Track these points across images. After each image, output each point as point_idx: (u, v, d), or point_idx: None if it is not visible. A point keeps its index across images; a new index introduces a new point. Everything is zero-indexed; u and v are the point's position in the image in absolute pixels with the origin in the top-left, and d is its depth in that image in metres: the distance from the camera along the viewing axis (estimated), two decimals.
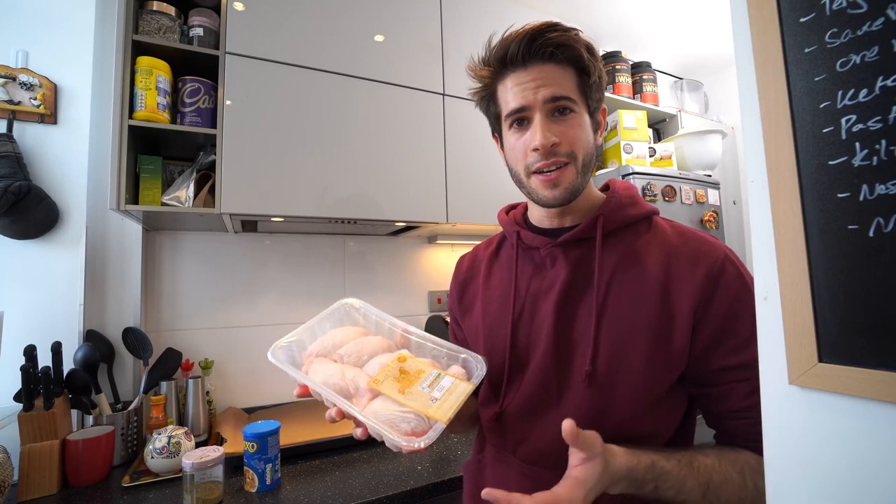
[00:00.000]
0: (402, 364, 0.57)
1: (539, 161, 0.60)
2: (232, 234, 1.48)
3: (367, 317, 0.68)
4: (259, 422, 1.02)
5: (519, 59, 0.60)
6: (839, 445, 0.33)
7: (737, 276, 0.57)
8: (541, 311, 0.64)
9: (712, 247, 0.60)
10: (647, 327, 0.57)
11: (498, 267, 0.74)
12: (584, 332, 0.60)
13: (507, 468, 0.65)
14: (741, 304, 0.55)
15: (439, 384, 0.54)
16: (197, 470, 0.89)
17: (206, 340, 1.41)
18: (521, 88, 0.60)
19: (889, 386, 0.30)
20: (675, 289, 0.57)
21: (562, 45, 0.58)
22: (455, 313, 0.80)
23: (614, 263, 0.61)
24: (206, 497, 0.89)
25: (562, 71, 0.59)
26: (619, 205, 0.64)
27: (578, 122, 0.60)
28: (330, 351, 0.61)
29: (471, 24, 1.51)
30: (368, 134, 1.32)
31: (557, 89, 0.59)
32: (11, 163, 1.13)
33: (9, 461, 0.93)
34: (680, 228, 0.64)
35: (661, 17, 1.99)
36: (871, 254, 0.31)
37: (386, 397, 0.53)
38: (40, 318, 1.17)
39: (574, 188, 0.61)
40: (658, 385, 0.57)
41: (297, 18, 1.25)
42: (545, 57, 0.59)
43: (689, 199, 1.78)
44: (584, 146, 0.61)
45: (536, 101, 0.59)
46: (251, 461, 0.96)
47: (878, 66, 0.31)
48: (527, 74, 0.60)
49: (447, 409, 0.51)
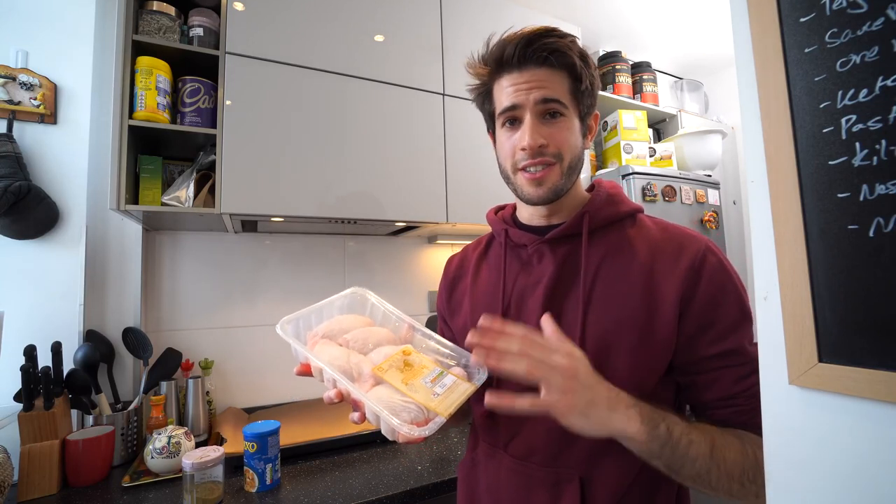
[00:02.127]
0: (406, 357, 0.58)
1: (526, 160, 0.62)
2: (232, 234, 1.48)
3: (376, 308, 0.68)
4: (259, 422, 1.02)
5: (514, 61, 0.61)
6: (839, 445, 0.33)
7: (718, 265, 0.59)
8: (528, 307, 0.65)
9: (694, 239, 0.62)
10: (632, 319, 0.58)
11: (486, 265, 0.75)
12: (571, 326, 0.60)
13: (499, 464, 0.65)
14: (724, 293, 0.57)
15: (442, 381, 0.55)
16: (197, 470, 0.88)
17: (206, 340, 1.41)
18: (515, 89, 0.62)
19: (889, 386, 0.30)
20: (659, 281, 0.59)
21: (556, 50, 0.60)
22: (444, 312, 0.80)
23: (600, 258, 0.63)
24: (206, 497, 0.89)
25: (555, 75, 0.61)
26: (605, 202, 0.66)
27: (568, 125, 0.62)
28: (336, 334, 0.61)
29: (471, 25, 1.51)
30: (368, 134, 1.32)
31: (549, 92, 0.61)
32: (11, 163, 1.12)
33: (9, 461, 0.93)
34: (662, 224, 0.66)
35: (660, 17, 1.99)
36: (871, 254, 0.31)
37: (388, 385, 0.53)
38: (40, 318, 1.17)
39: (557, 188, 0.63)
40: (646, 378, 0.58)
41: (297, 18, 1.25)
42: (540, 61, 0.61)
43: (689, 199, 1.78)
44: (571, 149, 0.63)
45: (528, 101, 0.61)
46: (251, 461, 0.96)
47: (878, 66, 0.31)
48: (521, 76, 0.62)
49: (448, 405, 0.52)
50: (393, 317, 0.67)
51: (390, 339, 0.63)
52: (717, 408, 0.59)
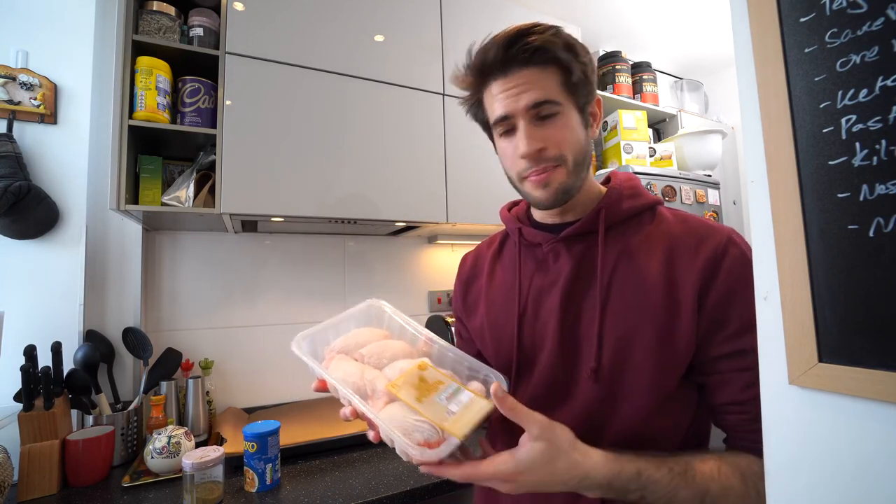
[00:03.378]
0: (421, 372, 0.56)
1: (529, 168, 0.60)
2: (232, 234, 1.48)
3: (392, 320, 0.66)
4: (259, 422, 1.02)
5: (498, 66, 0.59)
6: (839, 445, 0.33)
7: (740, 258, 0.55)
8: (545, 308, 0.63)
9: (716, 230, 0.58)
10: (651, 318, 0.56)
11: (501, 265, 0.73)
12: (588, 328, 0.59)
13: None
14: (742, 287, 0.53)
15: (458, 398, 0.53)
16: (197, 470, 0.88)
17: (206, 340, 1.41)
18: (504, 96, 0.59)
19: (889, 386, 0.30)
20: (678, 278, 0.56)
21: (539, 48, 0.57)
22: (459, 313, 0.79)
23: (617, 256, 0.60)
24: (207, 497, 0.89)
25: (543, 73, 0.58)
26: (621, 196, 0.63)
27: (565, 122, 0.60)
28: (352, 349, 0.60)
29: (471, 25, 1.51)
30: (368, 134, 1.32)
31: (539, 94, 0.58)
32: (11, 163, 1.12)
33: (9, 461, 0.93)
34: (683, 216, 0.63)
35: (660, 17, 1.99)
36: (871, 254, 0.31)
37: (402, 403, 0.52)
38: (40, 318, 1.17)
39: (565, 188, 0.61)
40: (666, 378, 0.56)
41: (297, 18, 1.25)
42: (524, 62, 0.58)
43: (689, 199, 1.78)
44: (574, 145, 0.60)
45: (518, 108, 0.58)
46: (251, 461, 0.96)
47: (878, 66, 0.31)
48: (508, 81, 0.59)
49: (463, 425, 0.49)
50: (409, 329, 0.65)
51: (406, 351, 0.61)
52: (726, 413, 0.56)
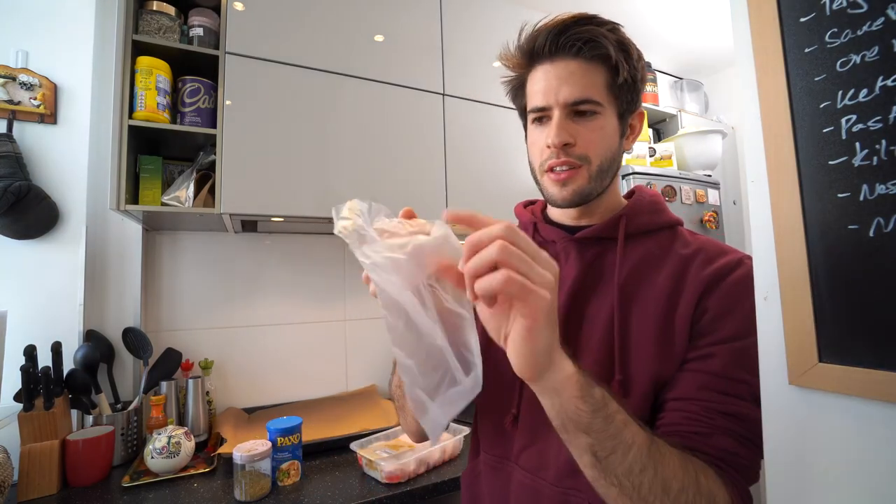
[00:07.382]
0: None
1: (552, 158, 0.58)
2: (232, 234, 1.48)
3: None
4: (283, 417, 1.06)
5: (546, 52, 0.57)
6: (839, 445, 0.33)
7: (745, 277, 0.53)
8: None
9: (730, 252, 0.57)
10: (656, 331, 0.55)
11: None
12: (589, 335, 0.58)
13: (508, 477, 0.62)
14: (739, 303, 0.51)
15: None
16: (247, 462, 0.92)
17: (206, 340, 1.41)
18: (545, 85, 0.58)
19: (889, 386, 0.30)
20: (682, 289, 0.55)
21: (590, 40, 0.55)
22: None
23: (630, 268, 0.59)
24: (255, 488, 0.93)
25: (589, 68, 0.56)
26: (644, 210, 0.62)
27: (601, 124, 0.58)
28: None
29: (471, 25, 1.51)
30: (368, 134, 1.31)
31: (580, 91, 0.56)
32: (11, 163, 1.12)
33: (9, 461, 0.93)
34: (702, 239, 0.61)
35: (660, 17, 1.99)
36: (871, 254, 0.31)
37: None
38: (40, 318, 1.17)
39: (584, 191, 0.59)
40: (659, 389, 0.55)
41: (297, 18, 1.24)
42: (573, 52, 0.56)
43: (689, 199, 1.78)
44: (603, 150, 0.58)
45: (557, 102, 0.57)
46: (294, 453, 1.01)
47: (878, 66, 0.31)
48: (553, 69, 0.57)
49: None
50: None
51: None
52: (667, 410, 0.51)
